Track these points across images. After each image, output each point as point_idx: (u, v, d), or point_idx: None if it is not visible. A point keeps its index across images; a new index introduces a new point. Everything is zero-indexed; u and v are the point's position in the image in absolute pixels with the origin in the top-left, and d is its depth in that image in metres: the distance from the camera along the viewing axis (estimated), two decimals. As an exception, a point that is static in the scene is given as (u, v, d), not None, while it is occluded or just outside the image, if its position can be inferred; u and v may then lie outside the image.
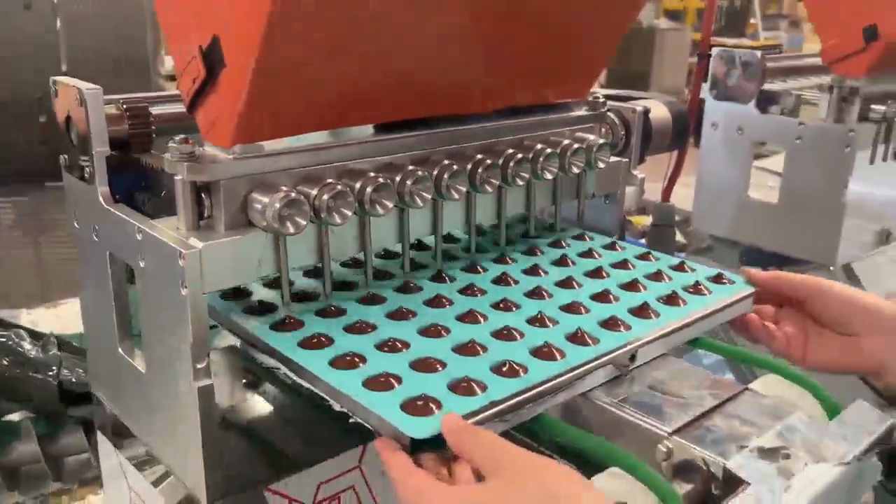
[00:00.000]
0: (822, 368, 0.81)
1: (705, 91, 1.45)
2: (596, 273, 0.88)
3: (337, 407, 0.66)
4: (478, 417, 0.61)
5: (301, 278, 0.86)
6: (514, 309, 0.78)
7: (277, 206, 0.67)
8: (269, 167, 0.70)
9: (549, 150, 0.88)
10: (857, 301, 0.79)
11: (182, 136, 0.68)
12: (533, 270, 0.88)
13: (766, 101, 1.40)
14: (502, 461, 0.56)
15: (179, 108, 0.82)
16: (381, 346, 0.71)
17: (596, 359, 0.70)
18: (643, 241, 1.48)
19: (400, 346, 0.71)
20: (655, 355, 0.76)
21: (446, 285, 0.84)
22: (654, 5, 9.37)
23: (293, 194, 0.68)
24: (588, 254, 0.94)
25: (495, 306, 0.79)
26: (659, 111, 1.09)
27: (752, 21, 9.14)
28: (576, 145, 0.91)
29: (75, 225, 0.81)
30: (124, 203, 0.75)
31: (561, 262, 0.91)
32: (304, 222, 0.68)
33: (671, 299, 0.82)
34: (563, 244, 0.96)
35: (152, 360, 0.74)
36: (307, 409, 0.89)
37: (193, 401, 0.67)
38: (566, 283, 0.85)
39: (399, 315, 0.76)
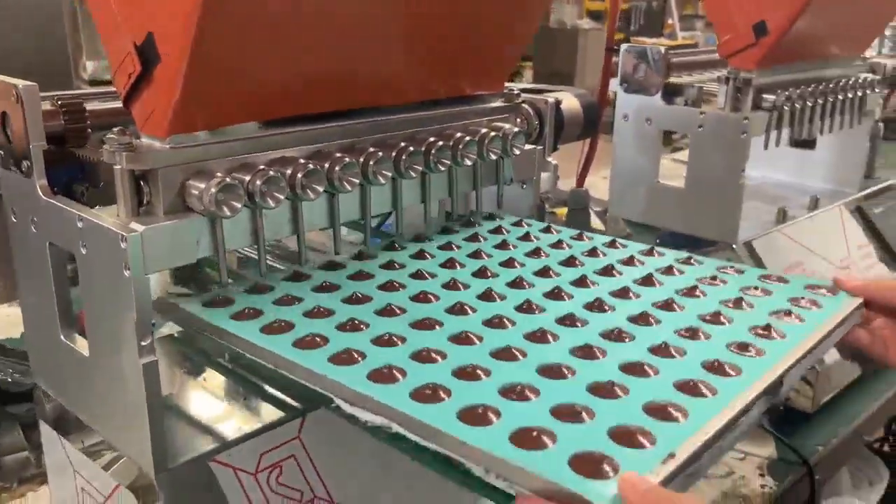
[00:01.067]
0: None
1: (616, 84, 1.55)
2: (692, 291, 0.81)
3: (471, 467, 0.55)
4: (660, 477, 0.51)
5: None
6: (629, 340, 0.70)
7: (213, 191, 0.71)
8: (205, 156, 0.75)
9: (467, 138, 0.95)
10: None
11: (119, 127, 0.72)
12: (622, 292, 0.81)
13: (671, 94, 1.50)
14: None
15: (113, 103, 0.85)
16: (458, 374, 0.64)
17: (751, 390, 0.62)
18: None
19: (476, 371, 0.64)
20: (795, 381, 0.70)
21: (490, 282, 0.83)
22: (577, 6, 9.63)
23: (228, 180, 0.73)
24: (668, 269, 0.87)
25: (607, 336, 0.71)
26: (570, 102, 1.17)
27: (669, 21, 9.49)
28: (492, 133, 0.98)
29: (13, 219, 0.84)
30: (62, 195, 0.78)
31: (647, 280, 0.84)
32: (238, 206, 0.73)
33: (794, 317, 0.75)
34: (637, 261, 0.90)
35: (96, 343, 0.77)
36: (249, 390, 0.94)
37: (139, 377, 0.71)
38: (663, 304, 0.78)
39: (463, 340, 0.71)
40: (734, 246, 1.45)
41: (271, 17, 0.70)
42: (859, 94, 1.61)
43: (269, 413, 0.88)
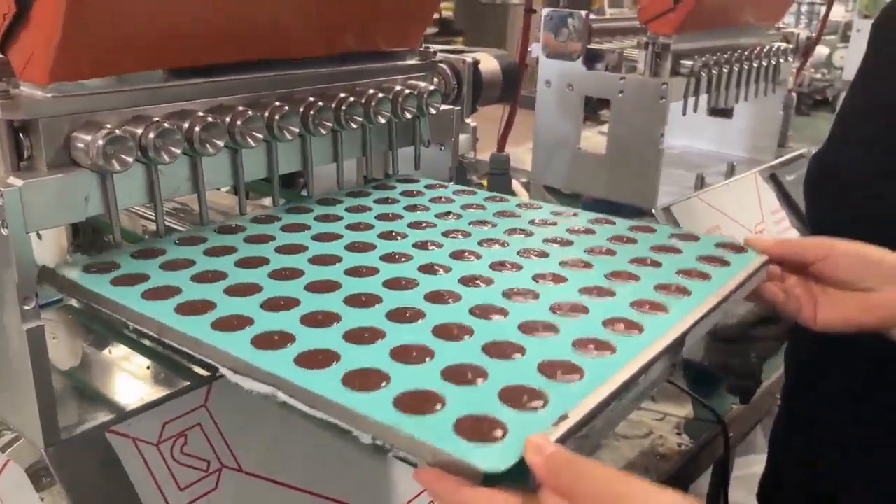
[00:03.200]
0: (836, 328, 0.79)
1: (538, 50, 1.54)
2: (601, 251, 0.80)
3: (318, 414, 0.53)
4: (556, 436, 0.49)
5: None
6: (532, 299, 0.68)
7: (101, 143, 0.67)
8: (93, 106, 0.69)
9: (381, 95, 0.92)
10: (869, 256, 0.77)
11: (-7, 73, 0.67)
12: (500, 243, 0.80)
13: (592, 59, 1.50)
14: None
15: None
16: (349, 337, 0.61)
17: (651, 348, 0.60)
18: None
19: (369, 335, 0.61)
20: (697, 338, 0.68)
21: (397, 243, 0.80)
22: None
23: (118, 132, 0.68)
24: (580, 230, 0.86)
25: (508, 295, 0.68)
26: (489, 64, 1.16)
27: (597, -3, 9.57)
28: (407, 91, 0.95)
29: None
30: (-64, 150, 0.72)
31: (556, 240, 0.82)
32: (129, 159, 0.69)
33: (698, 274, 0.74)
34: (549, 222, 0.88)
35: (-24, 308, 0.72)
36: (154, 360, 0.89)
37: (23, 344, 0.66)
38: (571, 263, 0.76)
39: (323, 287, 0.69)
40: (653, 211, 1.46)
41: (159, -47, 0.65)
42: (773, 62, 1.65)
43: (176, 383, 0.84)
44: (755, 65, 1.59)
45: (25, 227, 0.65)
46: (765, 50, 1.62)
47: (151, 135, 0.70)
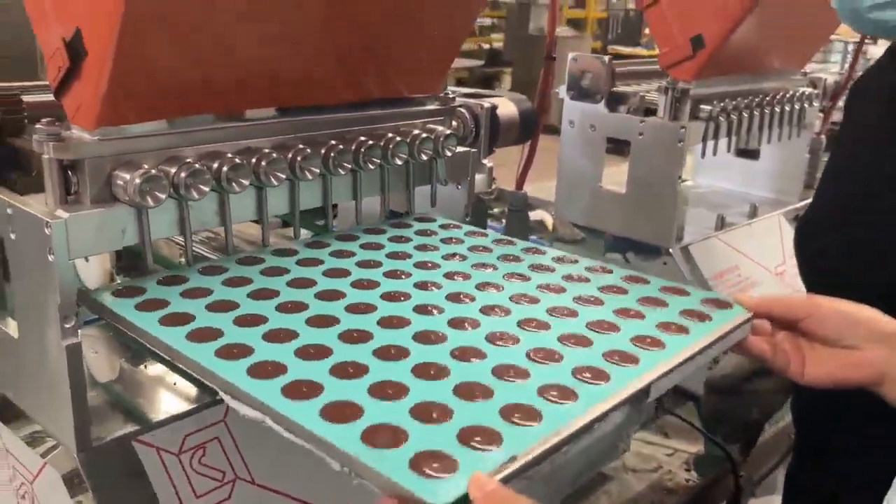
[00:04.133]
0: (822, 384, 0.81)
1: (563, 91, 1.61)
2: (589, 300, 0.84)
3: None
4: (499, 477, 0.54)
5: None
6: (512, 344, 0.73)
7: (138, 181, 0.75)
8: (133, 148, 0.78)
9: (398, 138, 0.99)
10: (853, 315, 0.80)
11: (49, 118, 0.75)
12: (488, 285, 0.85)
13: (615, 101, 1.56)
14: None
15: (51, 95, 0.89)
16: (335, 371, 0.66)
17: (613, 397, 0.64)
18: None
19: (353, 370, 0.66)
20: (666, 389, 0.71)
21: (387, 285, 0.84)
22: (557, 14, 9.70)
23: (153, 171, 0.76)
24: (575, 277, 0.89)
25: (491, 339, 0.73)
26: (507, 108, 1.22)
27: (646, 31, 9.61)
28: (423, 135, 1.02)
29: (-52, 205, 0.87)
30: (-3, 182, 0.82)
31: (550, 287, 0.86)
32: (163, 196, 0.77)
33: (677, 328, 0.77)
34: (548, 268, 0.92)
35: (24, 325, 0.81)
36: (182, 376, 0.97)
37: (62, 358, 0.74)
38: (558, 310, 0.80)
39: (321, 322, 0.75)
40: (670, 250, 1.50)
41: (193, 16, 0.74)
42: (797, 107, 1.68)
43: (200, 398, 0.91)
44: (777, 109, 1.62)
45: (69, 255, 0.73)
46: (787, 95, 1.65)
47: (183, 174, 0.78)
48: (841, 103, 1.98)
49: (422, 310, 0.79)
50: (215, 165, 0.82)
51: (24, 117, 0.85)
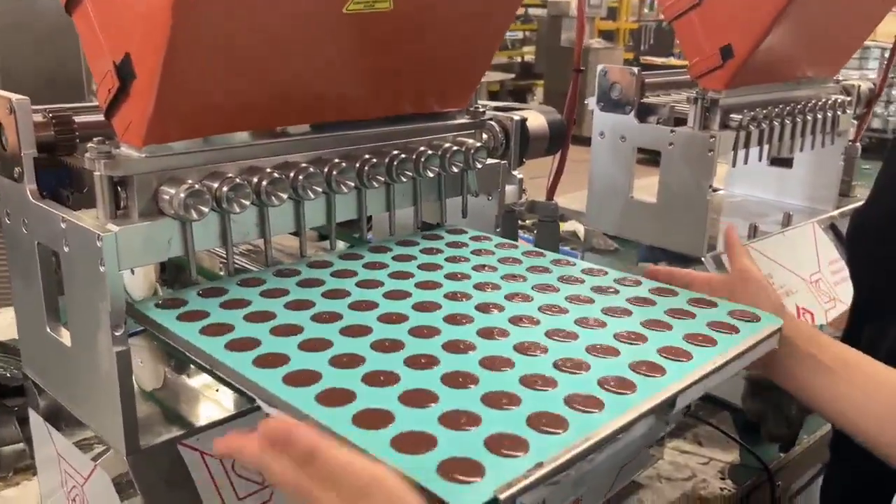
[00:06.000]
0: None
1: (593, 103, 1.62)
2: (618, 311, 0.85)
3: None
4: (523, 483, 0.55)
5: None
6: (541, 354, 0.75)
7: (182, 196, 0.79)
8: (177, 164, 0.82)
9: (430, 152, 1.02)
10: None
11: (100, 137, 0.80)
12: (519, 296, 0.87)
13: (644, 112, 1.57)
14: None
15: (101, 116, 0.93)
16: (367, 379, 0.69)
17: (638, 407, 0.66)
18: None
19: (385, 378, 0.69)
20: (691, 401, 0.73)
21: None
22: (588, 26, 9.73)
23: (196, 186, 0.80)
24: (604, 289, 0.91)
25: (519, 349, 0.75)
26: (537, 120, 1.24)
27: (678, 42, 9.55)
28: (454, 148, 1.05)
29: (7, 221, 0.92)
30: (51, 199, 0.86)
31: (578, 297, 0.88)
32: (206, 209, 0.81)
33: (704, 339, 0.78)
34: (577, 280, 0.94)
35: (76, 333, 0.85)
36: (223, 383, 1.01)
37: (112, 363, 0.78)
38: (586, 321, 0.82)
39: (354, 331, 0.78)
40: (702, 259, 1.51)
41: (236, 40, 0.78)
42: (829, 115, 1.67)
43: (240, 404, 0.95)
44: (809, 118, 1.62)
45: (119, 266, 0.77)
46: (820, 103, 1.65)
47: (225, 189, 0.82)
48: (877, 109, 1.97)
49: (451, 320, 0.82)
50: (255, 180, 0.86)
51: (75, 136, 0.90)
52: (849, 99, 1.75)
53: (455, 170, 1.06)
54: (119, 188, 0.80)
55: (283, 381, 0.69)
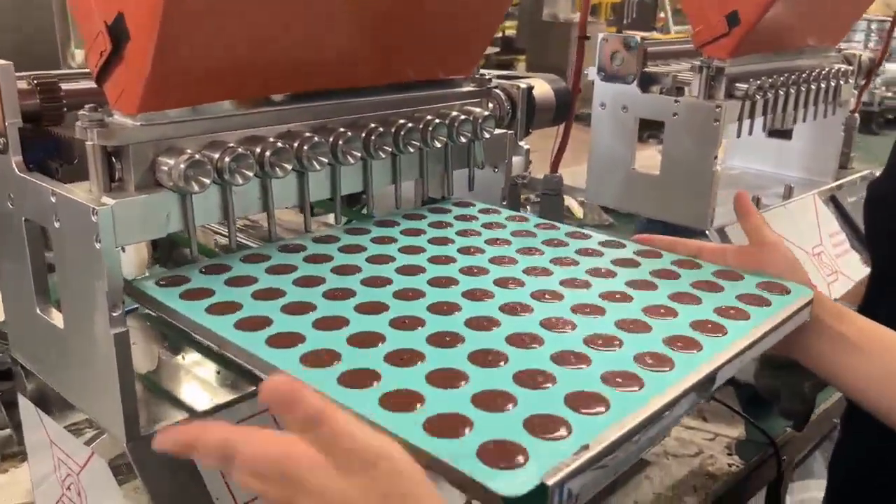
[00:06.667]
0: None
1: (594, 73, 1.58)
2: (644, 284, 0.82)
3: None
4: (571, 468, 0.51)
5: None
6: (570, 329, 0.71)
7: (182, 167, 0.74)
8: (175, 133, 0.77)
9: (437, 121, 0.98)
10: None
11: (92, 105, 0.74)
12: (541, 271, 0.84)
13: (647, 82, 1.53)
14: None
15: (89, 83, 0.87)
16: (389, 358, 0.64)
17: (679, 384, 0.62)
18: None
19: (409, 357, 0.65)
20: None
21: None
22: (571, 0, 9.65)
23: (197, 156, 0.75)
24: (625, 261, 0.88)
25: (546, 325, 0.71)
26: (543, 89, 1.20)
27: (661, 15, 9.51)
28: (462, 117, 1.01)
29: (-10, 196, 0.86)
30: (38, 171, 0.81)
31: (600, 271, 0.85)
32: (207, 181, 0.76)
33: (737, 313, 0.76)
34: (595, 252, 0.91)
35: (69, 315, 0.80)
36: (223, 365, 0.96)
37: (110, 346, 0.73)
38: (611, 295, 0.78)
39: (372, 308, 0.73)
40: (706, 232, 1.48)
41: (237, -2, 0.72)
42: (832, 84, 1.64)
43: (242, 387, 0.90)
44: (813, 87, 1.59)
45: (115, 242, 0.72)
46: (823, 72, 1.62)
47: (227, 159, 0.77)
48: (878, 90, 1.94)
49: (471, 295, 0.78)
50: (258, 150, 0.81)
51: (62, 105, 0.84)
52: (851, 68, 1.72)
53: (463, 140, 1.01)
54: (113, 159, 0.75)
55: (301, 361, 0.64)
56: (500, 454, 0.52)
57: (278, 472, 0.50)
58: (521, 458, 0.52)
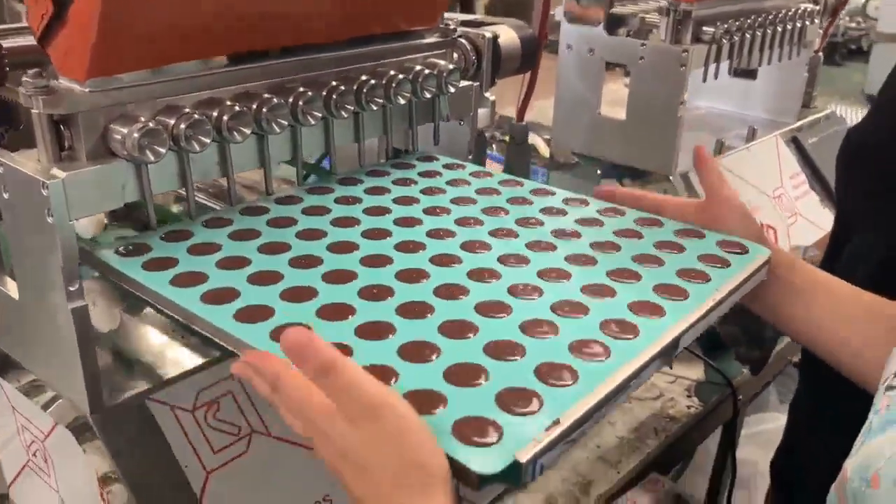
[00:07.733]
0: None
1: (560, 14, 1.54)
2: (607, 245, 0.82)
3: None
4: (543, 444, 0.52)
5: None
6: (537, 296, 0.71)
7: (136, 136, 0.71)
8: (127, 98, 0.73)
9: (401, 76, 0.95)
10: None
11: (36, 69, 0.70)
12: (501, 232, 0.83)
13: (614, 24, 1.50)
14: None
15: (33, 39, 0.83)
16: (360, 332, 0.64)
17: (645, 352, 0.63)
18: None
19: (380, 329, 0.64)
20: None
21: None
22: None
23: (151, 124, 0.72)
24: (590, 221, 0.88)
25: (513, 292, 0.71)
26: (508, 36, 1.17)
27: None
28: (427, 71, 0.98)
29: (-69, 162, 0.82)
30: (-18, 137, 0.77)
31: (564, 232, 0.84)
32: (163, 150, 0.73)
33: (697, 275, 0.76)
34: (560, 211, 0.90)
35: (25, 287, 0.78)
36: (185, 328, 0.95)
37: (69, 321, 0.72)
38: (577, 258, 0.78)
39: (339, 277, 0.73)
40: (671, 178, 1.48)
41: (187, -44, 0.68)
42: (798, 24, 1.63)
43: (208, 351, 0.90)
44: (780, 28, 1.57)
45: (69, 216, 0.69)
46: (790, 13, 1.60)
47: (183, 126, 0.74)
48: (842, 21, 1.92)
49: (438, 261, 0.77)
50: (215, 114, 0.78)
51: (4, 64, 0.80)
52: (818, 8, 1.71)
53: (428, 95, 0.99)
54: (62, 127, 0.71)
55: (271, 336, 0.64)
56: (474, 431, 0.53)
57: (302, 415, 0.56)
58: (494, 436, 0.52)
